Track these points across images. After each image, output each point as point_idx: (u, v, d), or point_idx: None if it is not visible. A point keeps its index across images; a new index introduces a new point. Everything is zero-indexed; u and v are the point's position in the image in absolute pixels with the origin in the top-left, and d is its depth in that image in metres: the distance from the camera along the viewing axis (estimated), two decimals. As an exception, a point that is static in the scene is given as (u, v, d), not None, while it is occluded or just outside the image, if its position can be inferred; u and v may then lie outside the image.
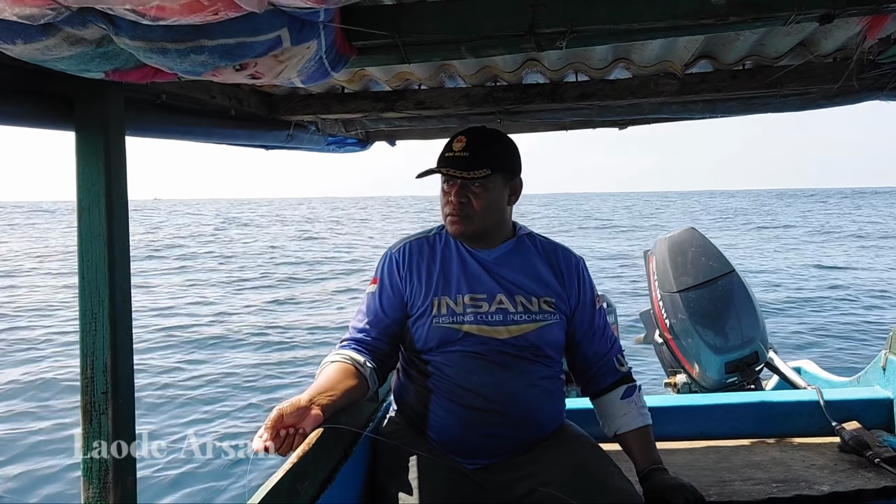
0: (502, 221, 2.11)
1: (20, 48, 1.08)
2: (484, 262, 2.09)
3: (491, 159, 1.99)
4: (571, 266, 2.16)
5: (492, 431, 1.98)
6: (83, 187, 1.61)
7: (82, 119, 1.62)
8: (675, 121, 3.16)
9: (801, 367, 4.20)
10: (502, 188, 2.05)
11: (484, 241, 2.09)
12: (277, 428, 1.61)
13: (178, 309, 14.14)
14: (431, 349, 2.03)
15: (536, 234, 2.23)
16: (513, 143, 2.13)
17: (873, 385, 3.15)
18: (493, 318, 2.01)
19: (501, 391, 1.97)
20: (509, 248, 2.12)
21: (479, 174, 1.96)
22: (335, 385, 1.87)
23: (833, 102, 2.68)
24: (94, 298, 1.60)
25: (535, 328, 2.02)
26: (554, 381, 2.09)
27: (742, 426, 3.05)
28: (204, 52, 1.14)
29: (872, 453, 2.64)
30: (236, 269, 21.31)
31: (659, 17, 1.51)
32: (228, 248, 29.35)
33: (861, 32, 2.02)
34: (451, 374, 1.99)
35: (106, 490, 1.58)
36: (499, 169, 2.00)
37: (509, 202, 2.10)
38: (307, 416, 1.67)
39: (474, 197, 2.00)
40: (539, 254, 2.15)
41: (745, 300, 3.93)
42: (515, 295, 2.05)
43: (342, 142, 3.43)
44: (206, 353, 10.19)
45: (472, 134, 2.04)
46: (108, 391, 1.59)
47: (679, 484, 1.93)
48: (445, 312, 2.02)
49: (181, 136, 2.26)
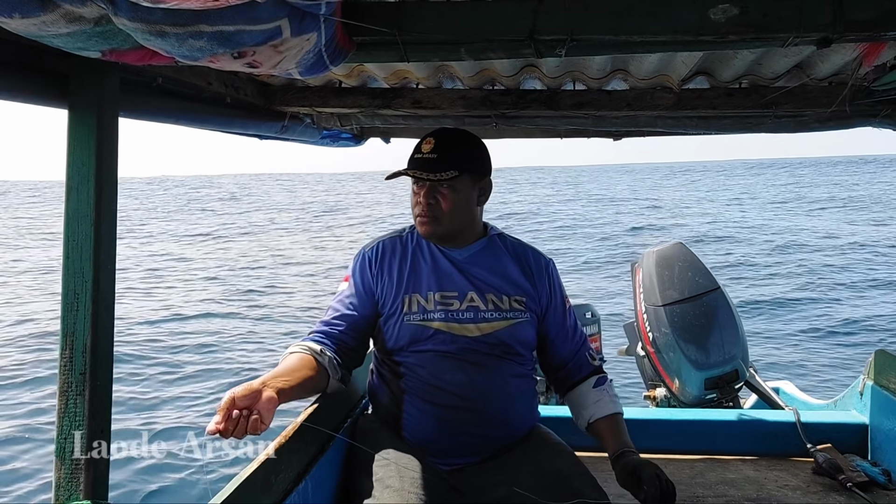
0: (472, 222, 2.13)
1: (17, 22, 1.07)
2: (455, 261, 2.11)
3: (459, 161, 2.01)
4: (542, 267, 2.19)
5: (466, 430, 1.98)
6: (73, 166, 1.60)
7: (76, 98, 1.61)
8: (669, 135, 3.17)
9: (780, 388, 4.23)
10: (471, 189, 2.07)
11: (454, 240, 2.11)
12: (230, 411, 1.56)
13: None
14: (403, 348, 2.04)
15: (507, 235, 2.26)
16: (482, 144, 2.15)
17: (850, 409, 3.17)
18: (464, 315, 2.03)
19: (474, 389, 1.98)
20: (480, 248, 2.14)
21: (447, 176, 1.98)
22: (291, 372, 1.86)
23: (826, 126, 2.70)
24: (77, 279, 1.59)
25: (505, 326, 2.04)
26: (526, 380, 2.10)
27: (718, 443, 3.07)
28: (203, 38, 1.13)
29: (845, 477, 2.66)
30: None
31: (659, 31, 1.52)
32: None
33: (857, 58, 2.04)
34: (424, 374, 2.00)
35: (78, 471, 1.57)
36: (467, 170, 2.02)
37: (479, 203, 2.12)
38: (260, 398, 1.62)
39: (443, 198, 2.02)
40: (509, 254, 2.17)
41: (728, 318, 3.94)
42: (486, 293, 2.06)
43: (337, 136, 3.43)
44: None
45: (441, 136, 2.06)
46: (87, 372, 1.58)
47: (650, 462, 1.93)
48: (416, 310, 2.04)
49: (175, 121, 2.24)
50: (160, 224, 31.44)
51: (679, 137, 3.18)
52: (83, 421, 1.58)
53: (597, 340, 4.66)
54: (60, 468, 1.58)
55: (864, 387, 3.07)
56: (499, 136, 3.55)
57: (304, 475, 1.85)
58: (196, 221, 33.54)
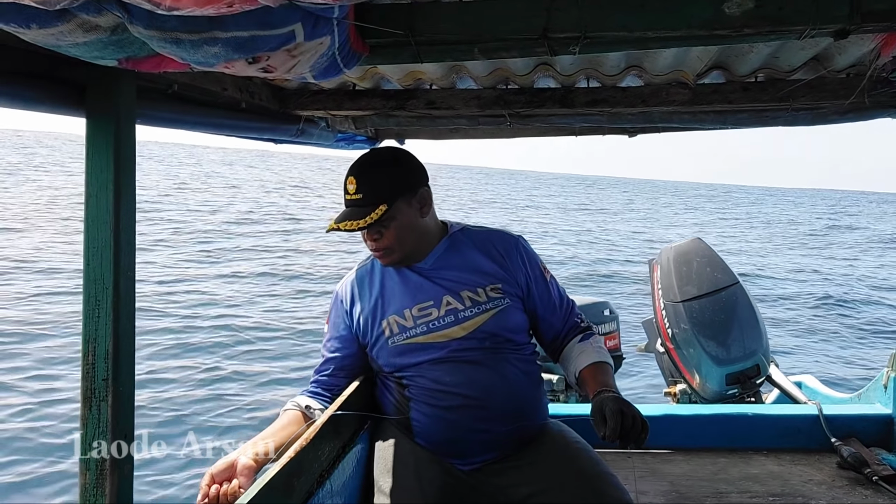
0: (426, 234, 2.10)
1: (35, 33, 1.08)
2: (423, 272, 2.10)
3: (384, 191, 1.98)
4: (510, 247, 2.16)
5: (476, 426, 1.98)
6: (92, 173, 1.62)
7: (94, 106, 1.62)
8: (685, 130, 3.16)
9: (802, 382, 4.20)
10: (408, 209, 2.03)
11: (415, 257, 2.10)
12: (209, 487, 1.66)
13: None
14: (398, 368, 2.06)
15: (470, 227, 2.23)
16: (404, 159, 2.11)
17: (874, 402, 3.15)
18: (445, 321, 2.02)
19: (475, 386, 1.98)
20: (443, 250, 2.12)
21: (377, 214, 1.94)
22: (275, 433, 1.92)
23: (845, 118, 2.67)
24: (98, 285, 1.60)
25: (488, 317, 2.03)
26: (526, 365, 2.09)
27: (741, 438, 3.05)
28: (217, 44, 1.14)
29: (871, 471, 2.64)
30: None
31: (673, 26, 1.51)
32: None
33: (875, 49, 2.02)
34: (424, 383, 2.01)
35: (103, 477, 1.58)
36: (395, 196, 1.99)
37: (423, 215, 2.08)
38: (236, 467, 1.69)
39: (385, 231, 2.01)
40: (475, 245, 2.14)
41: (748, 312, 3.92)
42: (461, 292, 2.05)
43: (352, 139, 3.44)
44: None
45: (359, 170, 2.03)
46: (109, 378, 1.59)
47: (619, 398, 1.85)
48: (397, 331, 2.05)
49: (191, 127, 2.26)
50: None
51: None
52: (107, 426, 1.59)
53: (615, 337, 4.64)
54: (86, 473, 1.60)
55: (888, 379, 3.05)
56: (514, 135, 3.55)
57: (326, 477, 1.86)
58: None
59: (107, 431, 1.59)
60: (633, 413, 1.79)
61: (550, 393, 4.23)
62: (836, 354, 11.26)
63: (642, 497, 2.57)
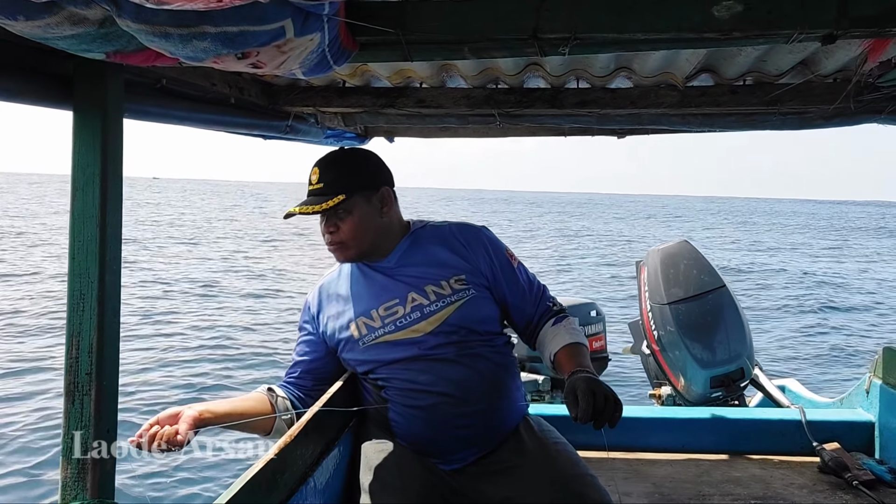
0: (385, 233, 2.10)
1: (22, 25, 1.07)
2: (386, 271, 2.11)
3: (344, 183, 2.00)
4: (472, 237, 2.15)
5: (454, 423, 1.98)
6: (78, 167, 1.61)
7: (81, 99, 1.61)
8: (673, 132, 3.17)
9: (786, 386, 4.22)
10: (366, 206, 2.05)
11: (375, 255, 2.11)
12: (151, 426, 1.70)
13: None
14: (370, 369, 2.07)
15: (431, 223, 2.23)
16: (369, 159, 2.13)
17: (856, 407, 3.17)
18: (411, 317, 2.03)
19: (450, 383, 1.98)
20: (405, 248, 2.13)
21: (335, 201, 1.97)
22: (231, 402, 1.98)
23: (831, 123, 2.69)
24: (83, 279, 1.59)
25: (454, 310, 2.02)
26: (501, 356, 2.08)
27: (724, 441, 3.07)
28: (206, 39, 1.14)
29: (851, 475, 2.66)
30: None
31: (663, 28, 1.52)
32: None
33: (862, 54, 2.03)
34: (398, 384, 2.01)
35: (84, 470, 1.58)
36: (355, 189, 2.01)
37: (383, 215, 2.09)
38: (180, 416, 1.74)
39: (342, 223, 2.02)
40: (436, 240, 2.14)
41: (734, 316, 3.94)
42: (424, 287, 2.05)
43: (341, 135, 3.43)
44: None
45: (324, 163, 2.06)
46: (93, 372, 1.58)
47: (593, 378, 1.81)
48: (366, 332, 2.05)
49: (179, 122, 2.25)
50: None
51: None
52: (89, 421, 1.58)
53: (601, 339, 4.66)
54: (67, 468, 1.59)
55: (870, 384, 3.07)
56: (502, 134, 3.55)
57: (309, 475, 1.86)
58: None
59: (89, 426, 1.59)
60: (605, 392, 1.74)
61: (536, 393, 4.24)
62: (819, 358, 11.32)
63: (625, 499, 2.57)
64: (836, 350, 11.88)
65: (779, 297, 17.21)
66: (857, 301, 17.45)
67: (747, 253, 29.66)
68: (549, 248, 29.91)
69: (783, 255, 28.83)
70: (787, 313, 15.30)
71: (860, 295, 18.52)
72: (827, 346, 12.21)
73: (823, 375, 10.02)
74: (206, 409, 1.81)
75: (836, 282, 20.48)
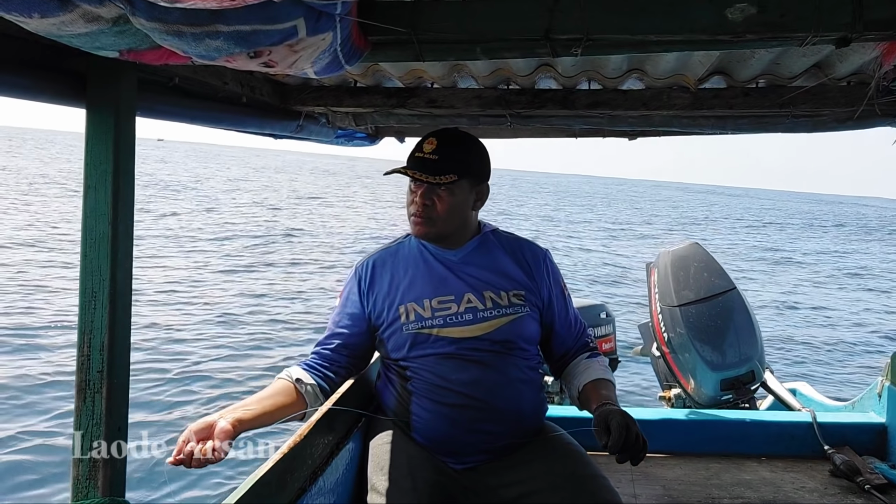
0: (466, 224, 2.12)
1: (36, 22, 1.08)
2: (449, 264, 2.11)
3: (459, 164, 2.01)
4: (538, 259, 2.18)
5: (475, 427, 1.98)
6: (91, 165, 1.62)
7: (94, 97, 1.62)
8: (685, 135, 3.16)
9: (797, 389, 4.21)
10: (468, 193, 2.07)
11: (447, 241, 2.11)
12: (186, 443, 1.64)
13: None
14: (405, 356, 2.05)
15: (501, 231, 2.25)
16: (483, 148, 2.15)
17: (868, 411, 3.15)
18: (463, 317, 2.03)
19: (480, 387, 1.98)
20: (474, 246, 2.14)
21: (447, 179, 1.98)
22: (259, 401, 1.89)
23: (845, 126, 2.67)
24: (95, 277, 1.60)
25: (506, 322, 2.04)
26: (532, 373, 2.10)
27: (734, 444, 3.06)
28: (219, 38, 1.14)
29: (863, 479, 2.64)
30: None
31: (676, 30, 1.51)
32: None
33: (877, 58, 2.02)
34: (429, 377, 2.01)
35: (95, 468, 1.58)
36: (466, 174, 2.03)
37: (475, 207, 2.12)
38: (214, 429, 1.67)
39: (439, 200, 2.02)
40: (504, 249, 2.16)
41: (744, 318, 3.93)
42: (484, 291, 2.06)
43: (351, 135, 3.43)
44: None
45: (444, 137, 2.06)
46: (104, 370, 1.59)
47: (625, 413, 1.87)
48: (413, 319, 2.05)
49: (192, 120, 2.26)
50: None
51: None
52: (101, 418, 1.59)
53: (611, 340, 4.65)
54: (78, 466, 1.59)
55: (882, 388, 3.05)
56: (514, 135, 3.55)
57: (319, 474, 1.86)
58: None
59: (101, 424, 1.59)
60: (637, 431, 1.80)
61: (546, 394, 4.23)
62: (831, 362, 11.27)
63: (635, 500, 2.57)
64: (849, 352, 11.83)
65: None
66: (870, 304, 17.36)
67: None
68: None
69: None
70: (796, 314, 15.24)
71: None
72: (840, 348, 12.17)
73: (835, 378, 9.96)
74: (238, 418, 1.73)
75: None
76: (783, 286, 19.44)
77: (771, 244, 33.52)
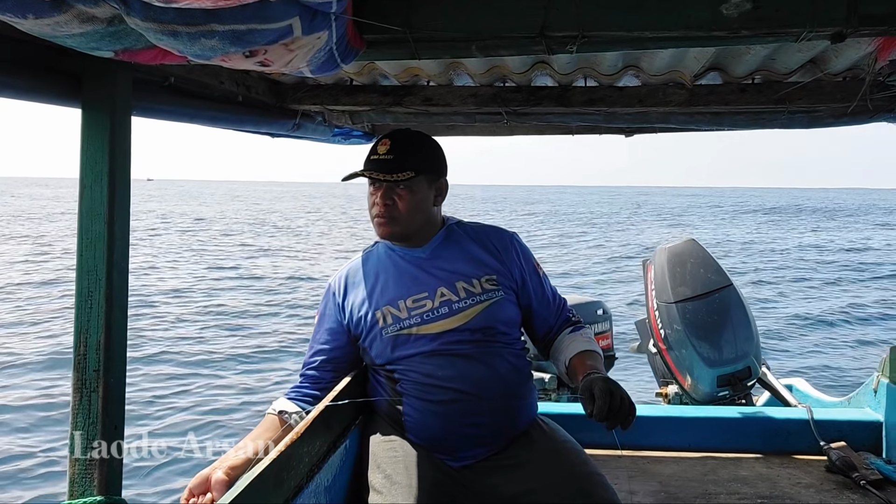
0: (430, 221, 2.13)
1: (31, 23, 1.08)
2: (418, 262, 2.12)
3: (415, 162, 2.03)
4: (505, 241, 2.20)
5: (467, 420, 1.98)
6: (87, 165, 1.61)
7: (90, 97, 1.62)
8: (681, 131, 3.16)
9: (793, 385, 4.21)
10: (427, 189, 2.09)
11: (413, 240, 2.12)
12: (188, 501, 1.70)
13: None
14: (390, 360, 2.06)
15: (465, 222, 2.26)
16: (437, 145, 2.17)
17: (864, 407, 3.16)
18: (439, 312, 2.04)
19: (467, 380, 1.99)
20: (440, 241, 2.15)
21: (403, 176, 1.99)
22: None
23: (841, 122, 2.68)
24: (91, 276, 1.60)
25: (482, 309, 2.05)
26: (517, 358, 2.10)
27: (731, 440, 3.06)
28: (214, 37, 1.14)
29: (859, 475, 2.65)
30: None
31: (671, 26, 1.51)
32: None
33: (872, 53, 2.02)
34: (415, 376, 2.02)
35: (92, 467, 1.58)
36: (423, 171, 2.04)
37: (435, 203, 2.14)
38: (211, 482, 1.72)
39: (399, 199, 2.03)
40: (471, 238, 2.18)
41: (741, 314, 3.93)
42: (455, 283, 2.07)
43: (348, 133, 3.43)
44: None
45: (397, 137, 2.07)
46: (100, 369, 1.59)
47: (608, 378, 1.84)
48: (391, 321, 2.06)
49: (188, 119, 2.25)
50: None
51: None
52: (97, 418, 1.59)
53: (608, 337, 4.65)
54: (75, 464, 1.59)
55: (878, 384, 3.06)
56: (510, 133, 3.54)
57: (316, 472, 1.86)
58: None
59: (97, 423, 1.59)
60: (622, 394, 1.77)
61: (542, 392, 4.23)
62: (827, 357, 11.29)
63: (632, 497, 2.57)
64: (845, 348, 11.86)
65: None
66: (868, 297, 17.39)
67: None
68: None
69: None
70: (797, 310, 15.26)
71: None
72: (836, 343, 12.19)
73: (831, 374, 9.98)
74: (231, 466, 1.76)
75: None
76: (781, 285, 19.46)
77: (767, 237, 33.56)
